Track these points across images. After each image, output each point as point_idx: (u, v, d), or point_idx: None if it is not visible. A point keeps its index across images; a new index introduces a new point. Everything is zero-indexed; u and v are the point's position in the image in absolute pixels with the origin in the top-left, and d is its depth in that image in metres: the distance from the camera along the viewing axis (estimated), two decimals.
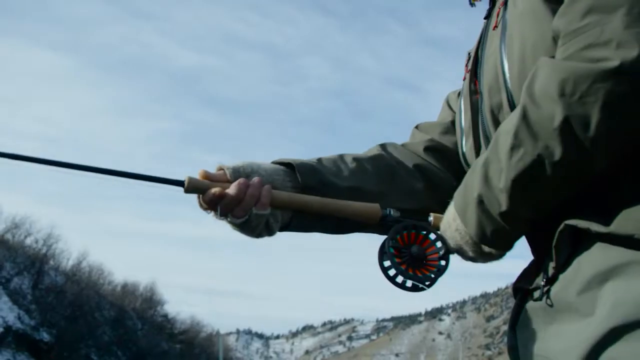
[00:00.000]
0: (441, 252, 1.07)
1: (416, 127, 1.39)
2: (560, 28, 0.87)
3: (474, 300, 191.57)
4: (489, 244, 0.98)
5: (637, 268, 0.80)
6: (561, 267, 0.90)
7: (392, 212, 1.15)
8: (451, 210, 1.05)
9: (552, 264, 0.91)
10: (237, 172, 1.12)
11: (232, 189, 1.08)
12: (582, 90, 0.79)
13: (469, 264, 1.07)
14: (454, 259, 1.08)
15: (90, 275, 45.21)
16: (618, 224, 0.82)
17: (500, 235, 0.96)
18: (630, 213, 0.82)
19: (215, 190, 1.08)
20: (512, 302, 1.04)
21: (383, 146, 1.31)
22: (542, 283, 0.93)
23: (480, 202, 0.94)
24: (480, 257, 1.02)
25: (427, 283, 1.07)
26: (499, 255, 1.02)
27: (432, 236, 1.09)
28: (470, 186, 0.98)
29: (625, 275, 0.80)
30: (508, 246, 1.00)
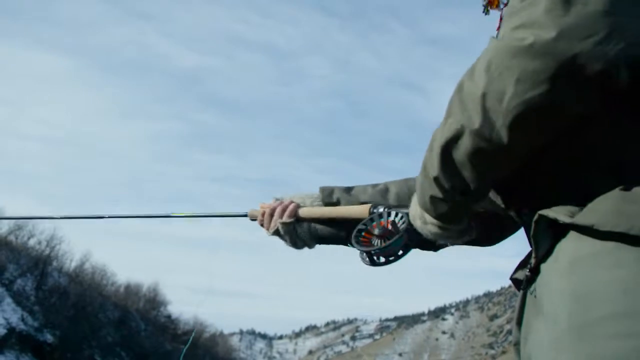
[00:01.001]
0: (400, 222, 1.23)
1: None
2: (505, 13, 0.94)
3: (477, 299, 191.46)
4: (428, 211, 1.04)
5: (593, 260, 0.83)
6: (542, 258, 0.92)
7: (379, 208, 1.31)
8: None
9: (533, 255, 0.94)
10: (278, 200, 1.50)
11: (267, 209, 1.48)
12: (503, 66, 0.85)
13: (471, 263, 1.09)
14: (457, 258, 1.10)
15: (93, 276, 45.44)
16: (583, 215, 0.85)
17: (435, 202, 1.01)
18: (597, 205, 0.85)
19: (258, 211, 1.51)
20: (515, 301, 1.04)
21: None
22: (527, 274, 0.96)
23: (424, 167, 1.00)
24: (425, 227, 1.07)
25: (390, 256, 1.22)
26: (443, 229, 1.05)
27: (398, 216, 1.25)
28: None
29: (583, 267, 0.83)
30: (446, 219, 1.03)
